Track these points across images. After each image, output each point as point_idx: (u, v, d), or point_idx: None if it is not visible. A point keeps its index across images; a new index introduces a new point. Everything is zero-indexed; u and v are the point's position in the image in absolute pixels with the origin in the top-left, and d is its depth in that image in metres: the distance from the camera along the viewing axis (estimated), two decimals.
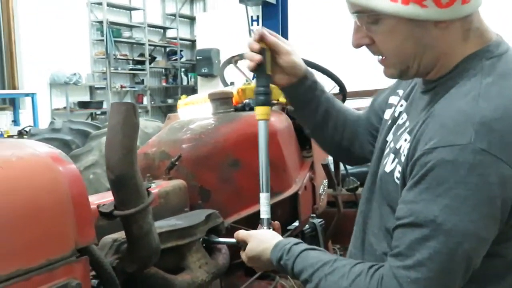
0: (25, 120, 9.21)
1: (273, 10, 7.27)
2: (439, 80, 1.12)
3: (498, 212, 0.97)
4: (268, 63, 1.40)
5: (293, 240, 1.30)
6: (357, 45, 1.17)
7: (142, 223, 1.24)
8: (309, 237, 2.50)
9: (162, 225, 1.52)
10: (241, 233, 1.40)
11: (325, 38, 9.52)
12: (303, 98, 1.48)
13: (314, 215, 2.53)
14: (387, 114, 1.37)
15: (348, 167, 2.76)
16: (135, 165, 1.22)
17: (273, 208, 2.14)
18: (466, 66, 1.08)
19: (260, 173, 1.46)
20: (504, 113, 0.98)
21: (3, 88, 9.29)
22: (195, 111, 2.42)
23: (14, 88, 9.40)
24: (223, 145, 2.03)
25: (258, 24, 7.30)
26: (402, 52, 1.10)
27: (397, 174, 1.12)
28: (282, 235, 2.20)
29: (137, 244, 1.25)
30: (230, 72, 2.77)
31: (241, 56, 2.83)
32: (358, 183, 2.63)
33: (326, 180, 2.57)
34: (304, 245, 1.25)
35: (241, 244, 1.39)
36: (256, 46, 1.39)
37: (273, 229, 1.43)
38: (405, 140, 1.12)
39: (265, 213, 1.44)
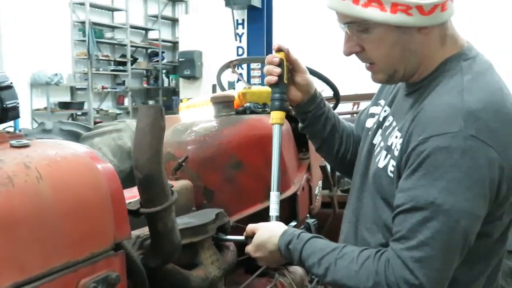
0: None
1: (259, 13, 7.38)
2: (422, 82, 1.24)
3: (487, 192, 1.09)
4: (285, 72, 1.48)
5: (298, 229, 1.38)
6: (349, 53, 1.28)
7: (167, 220, 1.31)
8: None
9: (177, 223, 1.59)
10: (250, 225, 1.46)
11: (309, 42, 9.65)
12: (314, 115, 1.55)
13: (309, 215, 2.62)
14: (370, 123, 1.47)
15: None
16: (161, 165, 1.29)
17: None
18: (446, 67, 1.21)
19: (272, 172, 1.52)
20: (487, 104, 1.11)
21: None
22: (197, 113, 2.48)
23: None
24: (227, 147, 2.10)
25: (243, 28, 7.40)
26: (391, 58, 1.21)
27: (390, 168, 1.21)
28: None
29: (162, 240, 1.32)
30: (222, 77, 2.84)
31: (239, 61, 2.92)
32: None
33: (321, 181, 2.66)
34: (312, 234, 1.34)
35: (249, 239, 1.44)
36: (276, 59, 1.47)
37: None
38: (396, 137, 1.23)
39: (274, 211, 1.48)
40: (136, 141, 1.27)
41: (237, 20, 7.40)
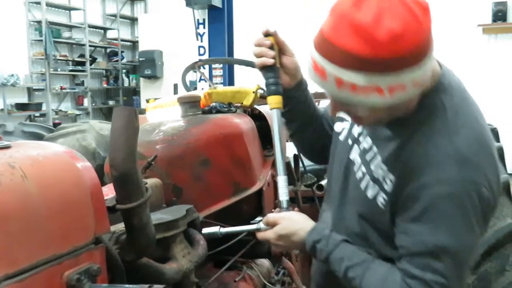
0: None
1: (219, 13, 7.43)
2: (404, 116, 1.26)
3: (484, 224, 1.24)
4: (277, 56, 1.50)
5: (326, 226, 1.43)
6: (335, 115, 1.38)
7: (142, 215, 1.37)
8: None
9: None
10: (271, 216, 1.48)
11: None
12: (298, 101, 1.59)
13: (276, 209, 2.72)
14: (338, 127, 1.53)
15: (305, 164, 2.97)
16: (135, 163, 1.36)
17: (240, 203, 2.33)
18: (428, 102, 1.24)
19: (276, 157, 1.53)
20: (472, 142, 1.20)
21: None
22: (164, 113, 2.54)
23: None
24: (195, 146, 2.17)
25: (204, 27, 7.44)
26: (380, 117, 1.25)
27: (381, 200, 1.29)
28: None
29: (138, 235, 1.38)
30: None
31: (204, 61, 2.99)
32: (315, 179, 2.84)
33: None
34: (340, 236, 1.38)
35: (262, 228, 1.46)
36: (268, 42, 1.48)
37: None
38: (383, 169, 1.28)
39: (284, 195, 1.48)
40: (112, 141, 1.33)
41: (198, 20, 7.43)
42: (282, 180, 1.47)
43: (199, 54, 7.39)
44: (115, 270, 1.29)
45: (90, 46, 12.09)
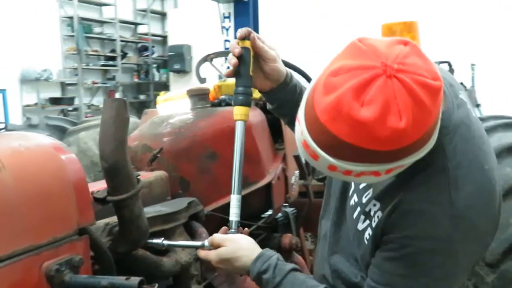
0: None
1: (245, 7, 7.42)
2: None
3: (463, 278, 1.19)
4: (251, 63, 1.36)
5: (274, 253, 1.32)
6: None
7: (133, 207, 1.37)
8: (282, 225, 2.66)
9: (148, 211, 1.65)
10: (217, 237, 1.36)
11: (295, 35, 9.70)
12: (283, 101, 1.48)
13: (287, 204, 2.69)
14: None
15: None
16: (126, 155, 1.35)
17: (248, 197, 2.31)
18: None
19: (233, 174, 1.42)
20: (475, 200, 1.10)
21: None
22: (174, 106, 2.54)
23: None
24: (201, 139, 2.16)
25: (230, 21, 7.43)
26: None
27: (366, 236, 1.20)
28: (256, 221, 2.38)
29: (129, 226, 1.38)
30: (204, 69, 2.90)
31: (216, 54, 2.97)
32: None
33: (298, 171, 2.73)
34: (289, 265, 1.29)
35: (210, 248, 1.36)
36: (237, 50, 1.35)
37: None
38: (374, 205, 1.19)
39: (234, 215, 1.37)
40: (101, 133, 1.33)
41: (223, 14, 7.43)
42: (234, 199, 1.38)
43: (225, 48, 7.39)
44: (103, 262, 1.29)
45: (121, 41, 12.27)
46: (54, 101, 10.66)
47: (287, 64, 2.23)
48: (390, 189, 1.15)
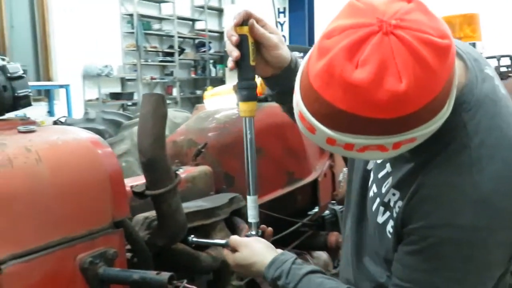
0: (60, 111, 9.51)
1: (300, 2, 7.34)
2: None
3: (496, 270, 1.04)
4: (251, 53, 1.24)
5: (289, 256, 1.24)
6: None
7: (171, 201, 1.38)
8: (329, 223, 2.62)
9: (189, 206, 1.66)
10: (233, 239, 1.31)
11: None
12: (284, 87, 1.32)
13: (334, 201, 2.64)
14: None
15: None
16: (164, 149, 1.36)
17: (294, 193, 2.28)
18: (446, 126, 0.97)
19: (246, 174, 1.35)
20: (499, 182, 0.98)
21: (39, 80, 9.61)
22: (221, 101, 2.55)
23: (49, 80, 9.73)
24: None
25: (285, 16, 7.39)
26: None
27: (389, 229, 1.11)
28: (302, 218, 2.34)
29: (166, 220, 1.39)
30: None
31: None
32: None
33: (346, 168, 2.68)
34: (304, 267, 1.21)
35: (230, 248, 1.31)
36: (234, 37, 1.22)
37: (264, 235, 1.34)
38: (393, 194, 1.09)
39: (252, 217, 1.32)
40: (139, 127, 1.34)
41: (278, 9, 7.40)
42: (251, 201, 1.32)
43: None
44: (140, 255, 1.31)
45: (178, 37, 12.46)
46: (114, 96, 10.98)
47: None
48: (409, 176, 1.04)
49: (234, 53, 1.22)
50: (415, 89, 0.84)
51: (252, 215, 1.32)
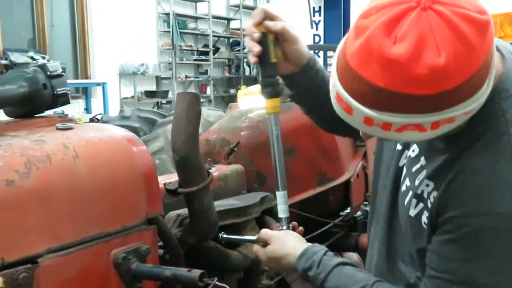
0: (96, 108, 9.72)
1: (336, 0, 7.30)
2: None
3: None
4: (271, 50, 1.25)
5: (320, 248, 1.24)
6: (368, 139, 1.14)
7: (203, 199, 1.39)
8: (361, 224, 2.60)
9: (221, 204, 1.67)
10: (264, 232, 1.32)
11: None
12: (303, 87, 1.35)
13: (367, 202, 2.62)
14: None
15: None
16: (197, 148, 1.37)
17: (326, 194, 2.27)
18: (485, 114, 0.98)
19: (274, 171, 1.36)
20: None
21: (77, 78, 9.85)
22: (254, 100, 2.55)
23: (86, 77, 9.96)
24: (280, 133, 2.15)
25: (320, 15, 7.36)
26: (427, 142, 1.05)
27: (424, 219, 1.09)
28: (334, 219, 2.33)
29: (198, 218, 1.40)
30: None
31: None
32: None
33: None
34: (336, 259, 1.21)
35: (262, 243, 1.31)
36: (256, 34, 1.23)
37: (295, 231, 1.34)
38: (427, 185, 1.08)
39: (282, 212, 1.34)
40: (173, 126, 1.36)
41: (313, 8, 7.37)
42: (280, 196, 1.33)
43: (314, 42, 7.33)
44: (172, 252, 1.32)
45: (213, 36, 12.56)
46: (149, 94, 11.14)
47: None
48: (444, 166, 1.03)
49: (256, 48, 1.24)
50: (454, 64, 0.83)
51: (283, 210, 1.33)
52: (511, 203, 0.95)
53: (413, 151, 1.16)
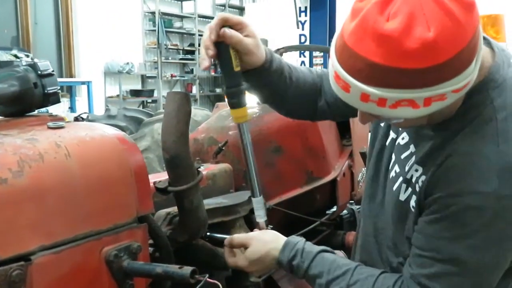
0: (81, 107, 9.66)
1: (321, 1, 7.34)
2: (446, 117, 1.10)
3: None
4: (233, 59, 1.25)
5: (300, 238, 1.28)
6: (365, 123, 1.16)
7: (193, 198, 1.40)
8: (347, 222, 2.63)
9: (209, 202, 1.69)
10: (237, 238, 1.34)
11: None
12: (257, 84, 1.38)
13: (353, 201, 2.65)
14: None
15: None
16: (187, 147, 1.39)
17: (312, 192, 2.30)
18: (474, 101, 1.06)
19: (249, 177, 1.38)
20: None
21: (61, 76, 9.77)
22: None
23: (71, 76, 9.89)
24: (267, 132, 2.17)
25: (306, 15, 7.39)
26: (419, 123, 1.08)
27: (412, 203, 1.14)
28: (320, 217, 2.36)
29: (188, 216, 1.42)
30: None
31: (286, 49, 2.98)
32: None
33: (365, 168, 2.68)
34: (316, 247, 1.26)
35: (239, 247, 1.33)
36: (211, 52, 1.23)
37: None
38: (416, 170, 1.13)
39: (260, 217, 1.37)
40: (164, 125, 1.37)
41: (299, 8, 7.40)
42: (256, 202, 1.36)
43: (300, 42, 7.36)
44: (162, 250, 1.34)
45: (199, 35, 12.55)
46: (135, 93, 11.11)
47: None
48: (433, 151, 1.10)
49: (205, 62, 1.24)
50: (443, 38, 0.90)
51: (260, 215, 1.37)
52: (497, 184, 1.00)
53: (403, 138, 1.22)
